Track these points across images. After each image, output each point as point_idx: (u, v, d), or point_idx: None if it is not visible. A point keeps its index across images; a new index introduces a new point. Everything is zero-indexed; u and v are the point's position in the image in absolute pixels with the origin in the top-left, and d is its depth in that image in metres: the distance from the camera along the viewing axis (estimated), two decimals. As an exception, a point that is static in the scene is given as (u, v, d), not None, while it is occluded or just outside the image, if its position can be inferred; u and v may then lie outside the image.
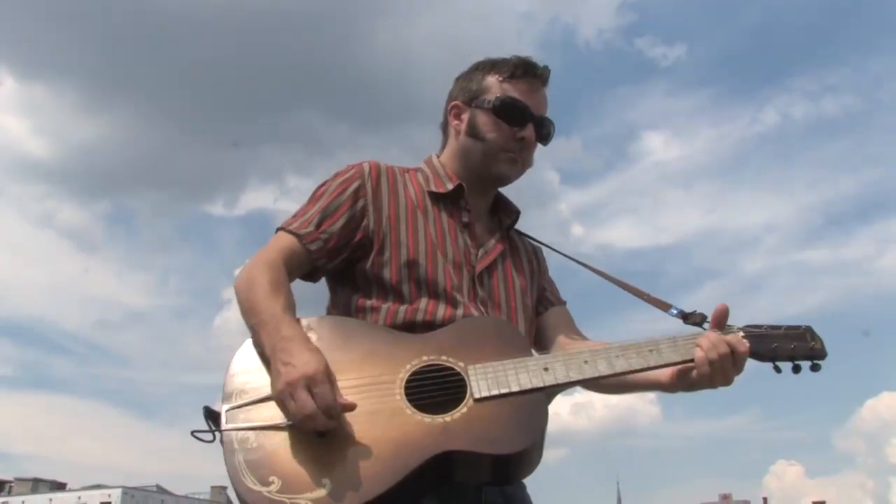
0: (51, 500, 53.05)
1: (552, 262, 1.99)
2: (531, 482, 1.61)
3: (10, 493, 57.48)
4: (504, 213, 1.89)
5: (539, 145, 1.83)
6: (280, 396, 1.42)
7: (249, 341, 1.57)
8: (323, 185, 1.77)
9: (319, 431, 1.41)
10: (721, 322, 1.63)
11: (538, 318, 1.86)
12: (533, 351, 1.69)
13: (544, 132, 1.82)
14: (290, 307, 1.56)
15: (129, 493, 51.17)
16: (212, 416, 1.49)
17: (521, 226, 1.91)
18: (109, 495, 50.69)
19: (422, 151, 1.97)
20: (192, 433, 1.49)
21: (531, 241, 1.97)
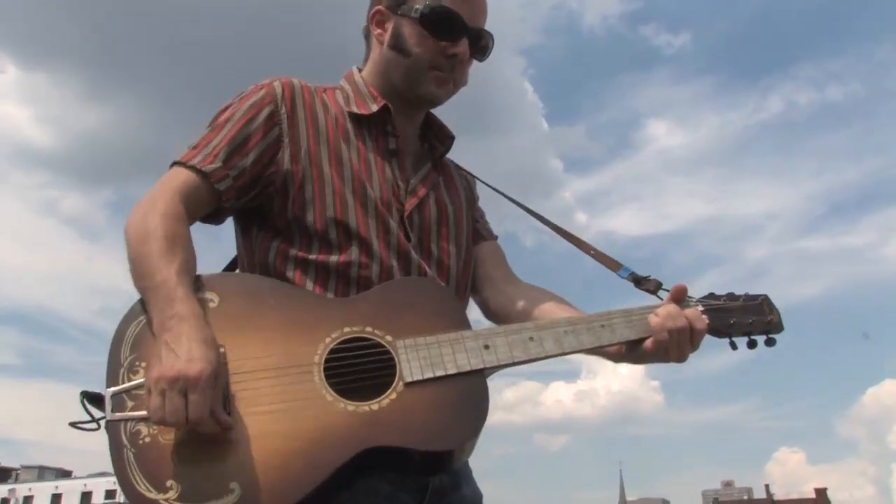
0: (57, 487, 53.25)
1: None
2: (534, 470, 1.50)
3: (16, 481, 57.82)
4: (436, 139, 1.65)
5: (475, 61, 1.60)
6: (150, 387, 1.17)
7: (137, 305, 1.31)
8: (227, 108, 1.49)
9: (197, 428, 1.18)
10: (679, 298, 1.45)
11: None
12: (467, 309, 1.53)
13: (481, 45, 1.58)
14: (188, 270, 1.31)
15: (134, 480, 51.38)
16: (93, 400, 1.24)
17: (523, 215, 1.71)
18: (115, 483, 50.60)
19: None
20: (71, 424, 1.25)
21: (464, 171, 1.75)
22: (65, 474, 59.99)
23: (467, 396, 1.29)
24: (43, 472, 59.81)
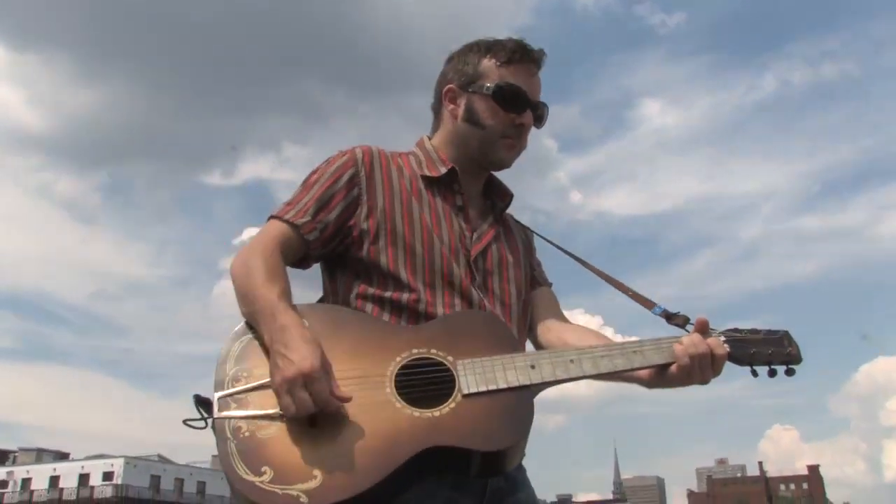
0: (55, 469, 53.46)
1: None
2: (529, 450, 1.64)
3: (14, 463, 58.00)
4: (497, 196, 1.90)
5: (533, 128, 1.84)
6: (278, 391, 1.43)
7: (240, 327, 1.59)
8: (315, 172, 1.76)
9: (311, 420, 1.43)
10: (703, 329, 1.66)
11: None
12: (524, 343, 1.75)
13: (539, 114, 1.83)
14: (287, 294, 1.58)
15: (131, 462, 51.55)
16: (202, 403, 1.50)
17: (518, 195, 1.93)
18: (112, 465, 51.04)
19: (419, 118, 1.94)
20: (184, 422, 1.51)
21: (522, 225, 1.99)
22: (62, 456, 60.19)
23: (515, 407, 1.52)
24: (41, 455, 60.02)
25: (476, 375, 1.52)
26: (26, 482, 52.39)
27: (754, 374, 1.67)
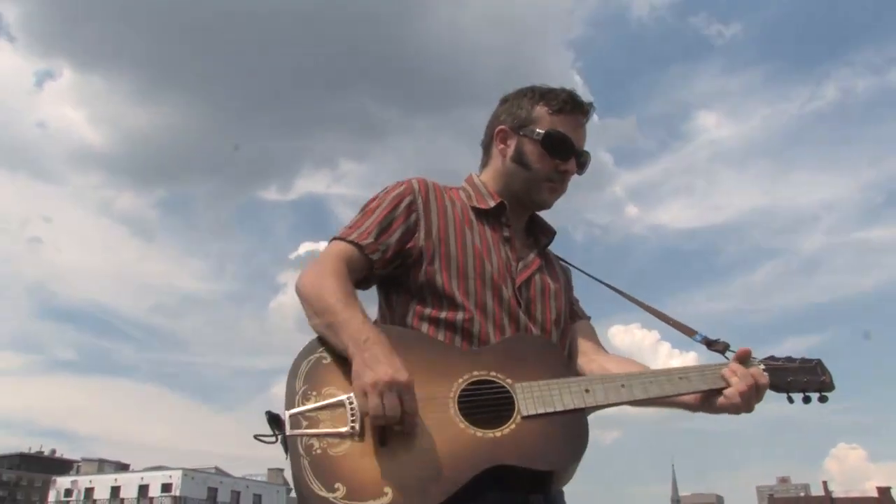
0: (115, 479, 54.74)
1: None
2: (585, 465, 1.70)
3: (77, 473, 59.63)
4: (541, 233, 2.02)
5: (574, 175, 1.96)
6: (364, 389, 1.50)
7: (311, 343, 1.67)
8: (375, 199, 1.88)
9: (381, 439, 1.51)
10: (744, 359, 1.76)
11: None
12: (574, 368, 1.87)
13: (581, 162, 1.95)
14: (365, 313, 1.67)
15: (189, 474, 52.47)
16: (273, 420, 1.58)
17: (573, 210, 2.08)
18: (170, 476, 52.04)
19: (473, 133, 2.07)
20: (256, 436, 1.60)
21: (563, 262, 2.11)
22: (123, 467, 61.62)
23: (571, 429, 1.61)
24: (102, 465, 61.49)
25: (535, 399, 1.61)
26: (89, 492, 53.77)
27: (790, 400, 1.76)
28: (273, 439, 1.56)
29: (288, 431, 1.53)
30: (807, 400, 1.75)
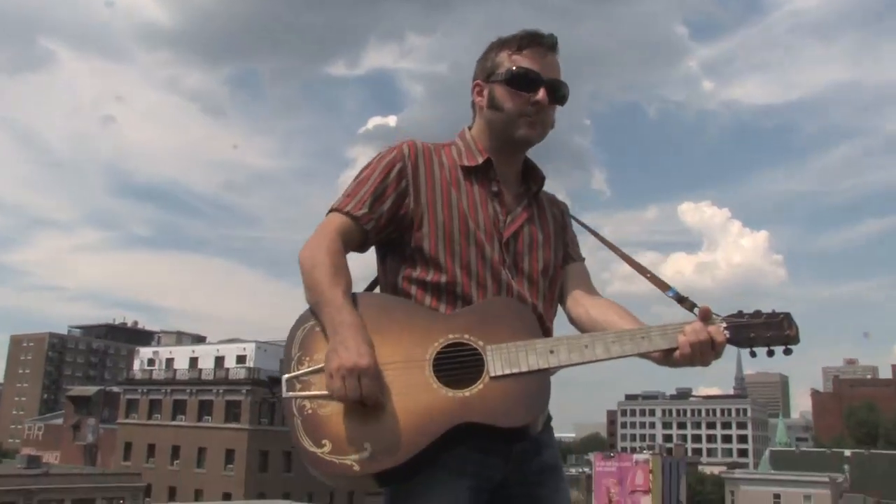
0: (193, 350, 57.61)
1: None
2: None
3: (158, 344, 63.06)
4: (532, 180, 2.06)
5: (557, 106, 2.00)
6: (330, 372, 1.66)
7: (305, 313, 1.83)
8: (368, 166, 1.97)
9: (363, 402, 1.67)
10: (705, 317, 1.79)
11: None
12: (554, 320, 1.99)
13: (559, 94, 1.97)
14: (349, 291, 1.80)
15: (262, 346, 54.60)
16: (276, 383, 1.81)
17: (647, 86, 2.11)
18: (244, 349, 54.32)
19: (543, 4, 1.87)
20: (265, 397, 2.35)
21: (559, 203, 2.15)
22: (199, 339, 64.81)
23: (535, 388, 1.74)
24: (181, 337, 64.85)
25: (502, 360, 1.73)
26: (170, 362, 56.87)
27: (753, 354, 1.80)
28: (275, 399, 1.83)
29: (284, 394, 1.72)
30: (770, 353, 1.79)
